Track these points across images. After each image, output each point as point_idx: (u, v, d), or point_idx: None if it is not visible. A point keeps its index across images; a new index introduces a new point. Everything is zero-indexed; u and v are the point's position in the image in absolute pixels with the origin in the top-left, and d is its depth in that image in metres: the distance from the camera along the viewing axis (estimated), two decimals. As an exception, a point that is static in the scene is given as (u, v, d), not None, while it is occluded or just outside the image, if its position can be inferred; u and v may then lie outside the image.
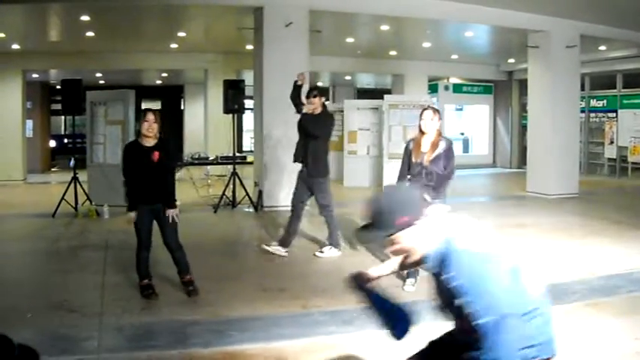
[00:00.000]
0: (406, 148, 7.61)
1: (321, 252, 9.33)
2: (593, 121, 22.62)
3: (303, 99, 9.30)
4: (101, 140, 14.50)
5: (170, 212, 7.01)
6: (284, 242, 9.35)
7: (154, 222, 7.11)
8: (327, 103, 28.72)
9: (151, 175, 6.94)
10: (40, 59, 19.77)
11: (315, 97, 9.08)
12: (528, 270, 3.07)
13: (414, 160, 7.39)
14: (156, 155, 6.92)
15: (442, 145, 7.35)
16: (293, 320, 6.24)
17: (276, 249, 9.30)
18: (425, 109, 7.53)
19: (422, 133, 7.40)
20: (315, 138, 9.07)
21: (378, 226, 2.96)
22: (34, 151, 22.82)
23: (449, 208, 3.16)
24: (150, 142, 6.98)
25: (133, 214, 6.97)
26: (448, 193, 7.50)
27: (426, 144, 7.38)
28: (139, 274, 7.15)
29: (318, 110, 9.12)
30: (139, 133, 7.07)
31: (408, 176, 7.48)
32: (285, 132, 13.54)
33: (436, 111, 7.50)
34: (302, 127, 9.23)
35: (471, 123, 27.84)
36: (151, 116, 6.93)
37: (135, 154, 7.01)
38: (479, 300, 2.75)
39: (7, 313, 6.36)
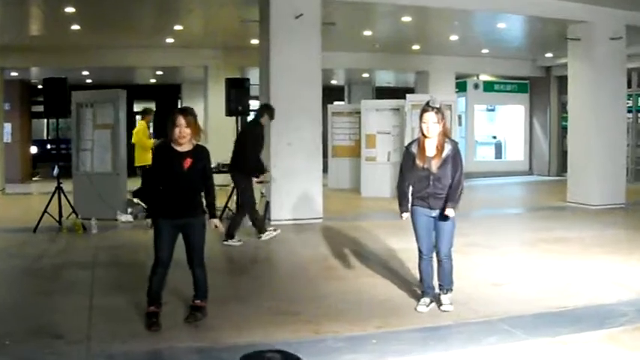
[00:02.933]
0: (407, 152, 7.48)
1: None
2: (642, 122, 22.56)
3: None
4: (88, 146, 14.55)
5: (214, 222, 7.13)
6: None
7: (178, 239, 6.97)
8: (341, 103, 28.99)
9: (178, 185, 6.81)
10: (20, 55, 19.88)
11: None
12: None
13: (419, 164, 7.27)
14: (187, 162, 6.78)
15: (448, 148, 7.23)
16: (305, 347, 6.19)
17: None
18: (425, 110, 7.26)
19: (425, 136, 7.27)
20: None
21: None
22: (12, 158, 22.93)
23: None
24: (184, 147, 6.79)
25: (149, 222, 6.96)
26: (477, 205, 7.43)
27: (430, 148, 7.26)
28: (148, 298, 6.95)
29: None
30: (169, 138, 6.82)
31: (410, 184, 7.45)
32: (296, 136, 13.59)
33: (439, 111, 7.26)
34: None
35: (505, 125, 27.82)
36: (181, 120, 6.67)
37: (164, 158, 6.86)
38: None
39: (-16, 340, 6.39)
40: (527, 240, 12.13)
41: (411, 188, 7.46)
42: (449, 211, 7.21)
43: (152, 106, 31.32)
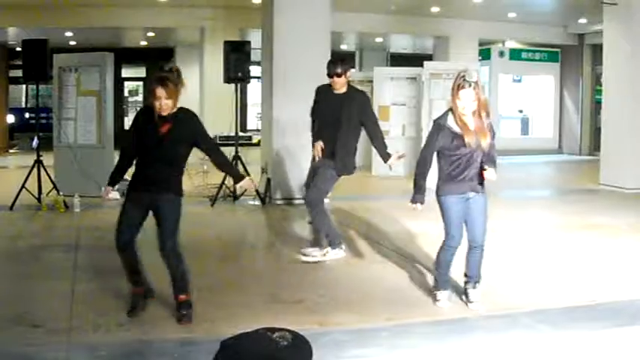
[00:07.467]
0: (441, 129, 7.01)
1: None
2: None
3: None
4: (71, 115, 14.56)
5: (244, 184, 7.07)
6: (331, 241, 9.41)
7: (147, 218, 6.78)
8: (352, 71, 28.79)
9: (150, 152, 6.59)
10: (-4, 14, 19.83)
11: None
12: None
13: (469, 142, 6.91)
14: (165, 127, 6.53)
15: (487, 122, 7.05)
16: (308, 340, 6.21)
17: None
18: (461, 86, 6.81)
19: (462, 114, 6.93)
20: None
21: None
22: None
23: None
24: (166, 112, 6.51)
25: (108, 189, 6.79)
26: (500, 186, 7.34)
27: (473, 123, 6.97)
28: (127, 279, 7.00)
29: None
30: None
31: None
32: (300, 107, 13.54)
33: (477, 86, 6.83)
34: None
35: (532, 98, 27.73)
36: (160, 92, 6.40)
37: (144, 121, 6.66)
38: None
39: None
40: (555, 226, 12.08)
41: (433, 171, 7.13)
42: (490, 174, 6.99)
43: (142, 71, 31.49)
